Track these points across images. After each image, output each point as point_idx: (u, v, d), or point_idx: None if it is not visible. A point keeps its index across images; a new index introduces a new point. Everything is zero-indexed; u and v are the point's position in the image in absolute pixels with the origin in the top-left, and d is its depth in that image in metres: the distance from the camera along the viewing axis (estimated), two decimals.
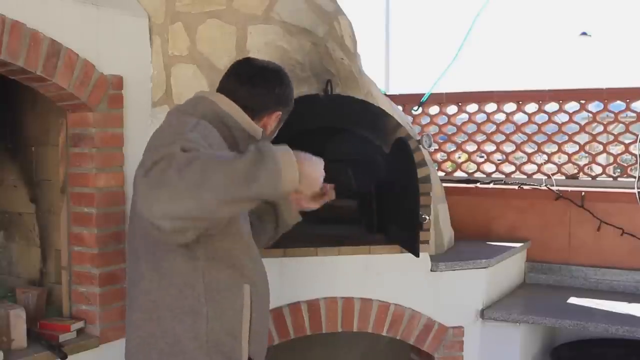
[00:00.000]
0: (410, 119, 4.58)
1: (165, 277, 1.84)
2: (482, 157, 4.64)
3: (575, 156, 4.42)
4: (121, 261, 2.66)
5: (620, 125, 4.31)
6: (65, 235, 2.67)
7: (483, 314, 3.40)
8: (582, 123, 4.36)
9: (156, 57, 2.92)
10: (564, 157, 4.44)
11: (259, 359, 1.99)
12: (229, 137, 1.93)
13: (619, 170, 4.37)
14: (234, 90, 2.00)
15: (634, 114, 4.15)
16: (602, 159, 4.50)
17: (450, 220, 3.83)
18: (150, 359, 1.88)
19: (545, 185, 4.18)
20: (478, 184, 4.44)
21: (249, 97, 2.00)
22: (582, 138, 4.35)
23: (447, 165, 4.70)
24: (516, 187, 4.28)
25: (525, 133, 4.46)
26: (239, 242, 1.93)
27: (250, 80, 2.02)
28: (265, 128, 2.06)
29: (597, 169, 4.40)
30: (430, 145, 3.41)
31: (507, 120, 4.47)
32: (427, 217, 3.15)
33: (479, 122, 4.57)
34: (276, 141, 2.55)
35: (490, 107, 4.50)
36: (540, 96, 4.37)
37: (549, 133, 4.38)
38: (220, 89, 2.04)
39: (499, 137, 4.51)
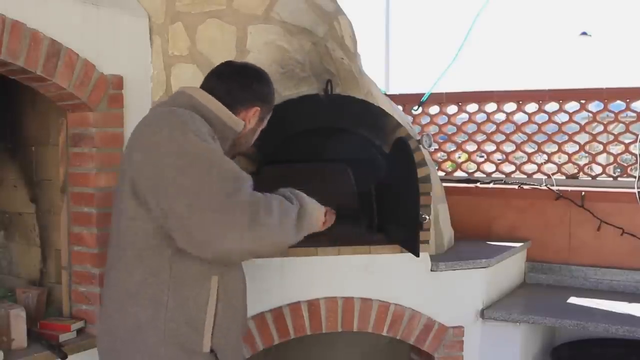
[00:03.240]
0: (410, 119, 4.58)
1: (131, 266, 1.87)
2: (482, 157, 4.64)
3: (575, 156, 4.42)
4: None
5: (620, 125, 4.31)
6: (65, 235, 2.67)
7: (483, 313, 3.40)
8: (582, 123, 4.36)
9: (156, 57, 2.92)
10: (564, 157, 4.44)
11: (226, 353, 1.97)
12: (210, 131, 1.95)
13: (619, 170, 4.37)
14: (213, 87, 2.06)
15: (634, 114, 4.15)
16: (602, 158, 4.50)
17: (450, 220, 3.83)
18: (115, 347, 1.93)
19: (546, 185, 4.18)
20: (478, 184, 4.44)
21: (226, 92, 2.04)
22: (582, 138, 4.35)
23: (447, 165, 4.70)
24: (516, 187, 4.28)
25: (525, 133, 4.46)
26: None
27: (228, 77, 2.09)
28: (248, 119, 2.09)
29: (597, 169, 4.40)
30: (430, 145, 3.40)
31: (507, 120, 4.47)
32: (427, 217, 3.15)
33: (479, 122, 4.57)
34: (277, 140, 2.55)
35: (490, 107, 4.50)
36: (540, 96, 4.37)
37: (549, 133, 4.38)
38: (201, 87, 2.09)
39: (499, 137, 4.51)
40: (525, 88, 4.49)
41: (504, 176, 4.49)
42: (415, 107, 4.68)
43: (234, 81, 2.08)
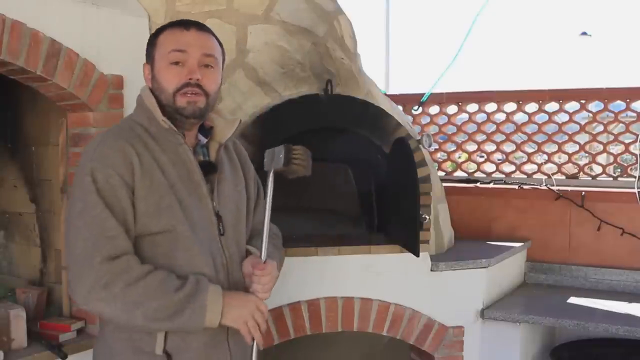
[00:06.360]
0: (410, 119, 4.58)
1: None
2: (482, 156, 4.65)
3: (575, 156, 4.42)
4: None
5: (620, 125, 4.32)
6: None
7: (483, 313, 3.40)
8: (582, 123, 4.36)
9: None
10: (564, 157, 4.45)
11: (186, 356, 1.86)
12: (141, 139, 1.89)
13: (619, 170, 4.37)
14: None
15: (634, 114, 4.16)
16: (602, 158, 4.50)
17: (450, 220, 3.83)
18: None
19: (546, 185, 4.18)
20: (478, 184, 4.45)
21: None
22: (582, 138, 4.35)
23: (447, 165, 4.70)
24: (516, 186, 4.28)
25: (525, 133, 4.46)
26: (179, 242, 1.85)
27: None
28: (147, 80, 2.08)
29: (597, 169, 4.40)
30: (430, 145, 3.41)
31: (507, 120, 4.48)
32: (427, 217, 3.15)
33: (479, 122, 4.58)
34: (277, 140, 2.55)
35: (490, 107, 4.50)
36: (540, 96, 4.37)
37: (549, 133, 4.38)
38: None
39: (499, 137, 4.51)
40: (525, 88, 4.50)
41: (504, 176, 4.49)
42: (415, 107, 4.68)
43: None
